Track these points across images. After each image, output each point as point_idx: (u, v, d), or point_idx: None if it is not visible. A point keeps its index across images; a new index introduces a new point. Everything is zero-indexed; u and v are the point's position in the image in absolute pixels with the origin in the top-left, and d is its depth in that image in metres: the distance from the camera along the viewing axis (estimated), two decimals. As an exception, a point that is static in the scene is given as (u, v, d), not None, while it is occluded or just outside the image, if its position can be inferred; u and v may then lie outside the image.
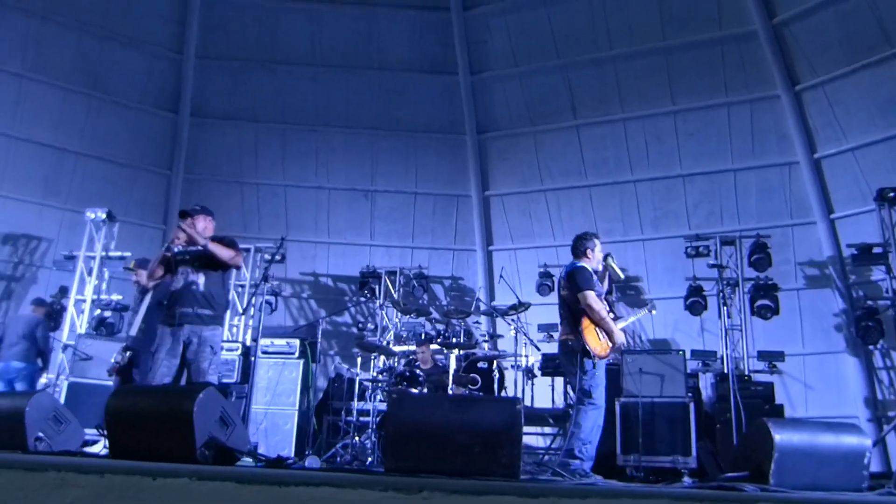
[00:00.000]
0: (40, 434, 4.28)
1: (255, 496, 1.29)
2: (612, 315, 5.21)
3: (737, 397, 6.18)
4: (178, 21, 11.39)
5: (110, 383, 7.95)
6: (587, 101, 11.23)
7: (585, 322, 5.09)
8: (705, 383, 8.45)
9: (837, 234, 9.90)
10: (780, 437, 3.25)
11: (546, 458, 7.41)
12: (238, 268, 5.51)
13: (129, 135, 11.59)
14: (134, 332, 6.11)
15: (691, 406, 6.75)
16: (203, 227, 5.11)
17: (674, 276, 10.52)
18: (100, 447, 4.90)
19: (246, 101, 11.82)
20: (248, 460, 3.62)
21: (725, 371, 8.57)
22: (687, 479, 4.33)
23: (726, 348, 8.14)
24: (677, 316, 10.18)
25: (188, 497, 1.12)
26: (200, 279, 4.99)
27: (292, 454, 7.34)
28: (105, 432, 3.64)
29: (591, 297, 5.07)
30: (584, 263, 5.36)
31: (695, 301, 9.58)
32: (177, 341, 4.84)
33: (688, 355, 8.20)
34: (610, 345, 5.17)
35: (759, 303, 9.24)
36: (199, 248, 4.91)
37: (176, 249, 5.05)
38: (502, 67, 11.52)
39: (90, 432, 5.45)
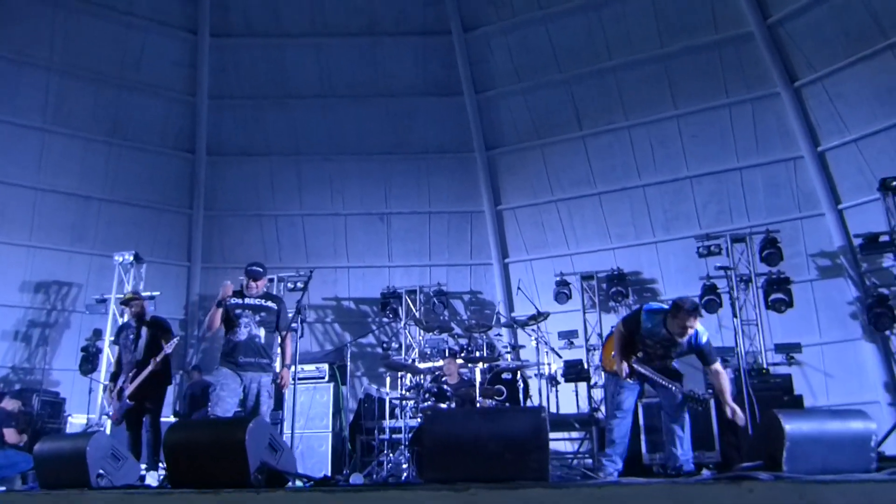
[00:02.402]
0: (101, 471, 4.56)
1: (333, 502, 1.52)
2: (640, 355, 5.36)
3: (749, 391, 6.36)
4: (189, 65, 11.86)
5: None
6: (591, 112, 11.51)
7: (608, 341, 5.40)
8: (726, 380, 8.58)
9: (846, 224, 10.05)
10: (790, 426, 3.46)
11: (575, 462, 7.60)
12: None
13: (150, 177, 12.01)
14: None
15: (712, 403, 6.92)
16: (264, 285, 5.82)
17: (688, 276, 10.68)
18: (152, 480, 5.17)
19: (260, 136, 12.23)
20: (297, 482, 3.88)
21: (744, 366, 8.74)
22: (706, 472, 4.53)
23: (738, 345, 8.28)
24: (695, 315, 10.33)
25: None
26: (261, 332, 5.66)
27: (329, 475, 7.59)
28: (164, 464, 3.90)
29: (617, 329, 5.42)
30: (654, 311, 5.34)
31: (710, 299, 9.74)
32: (239, 384, 5.52)
33: (706, 353, 8.39)
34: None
35: (773, 297, 9.41)
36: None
37: (231, 302, 5.60)
38: (506, 85, 11.85)
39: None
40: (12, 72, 10.77)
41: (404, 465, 6.98)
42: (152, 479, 5.23)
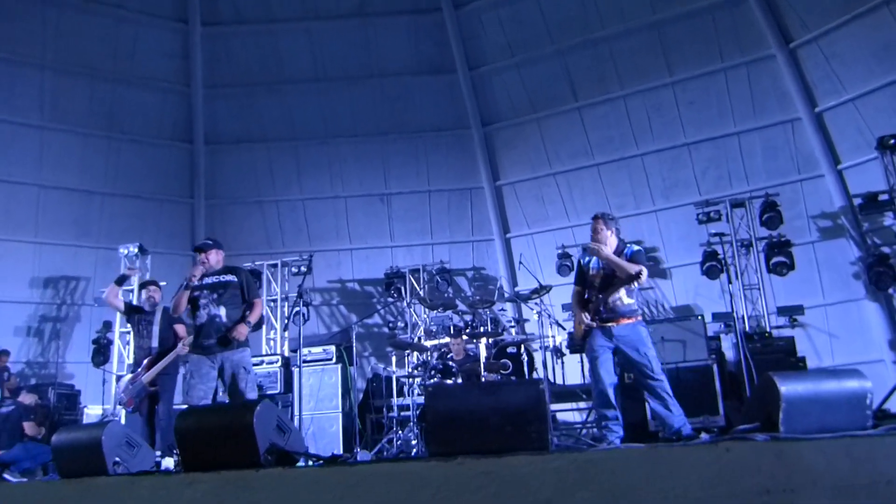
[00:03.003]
0: (117, 459, 4.68)
1: (332, 476, 1.60)
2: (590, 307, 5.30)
3: (747, 355, 6.43)
4: (182, 56, 11.86)
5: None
6: (586, 83, 11.48)
7: None
8: (728, 344, 8.69)
9: (846, 184, 10.05)
10: (785, 388, 3.51)
11: (584, 432, 7.72)
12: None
13: (150, 169, 12.08)
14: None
15: (714, 368, 7.01)
16: (216, 259, 5.40)
17: (689, 243, 10.72)
18: (170, 464, 5.31)
19: (256, 123, 12.25)
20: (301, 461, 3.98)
21: (746, 331, 8.83)
22: (704, 435, 4.61)
23: (740, 309, 8.34)
24: (697, 281, 10.42)
25: (283, 482, 1.43)
26: (222, 311, 5.26)
27: (339, 453, 7.73)
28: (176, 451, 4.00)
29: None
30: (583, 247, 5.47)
31: (711, 265, 9.79)
32: (210, 367, 5.17)
33: (709, 318, 8.48)
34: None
35: (774, 260, 9.45)
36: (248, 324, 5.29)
37: (195, 284, 5.29)
38: (499, 60, 11.82)
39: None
40: (7, 71, 10.83)
41: (413, 441, 7.10)
42: (169, 464, 5.36)
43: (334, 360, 8.99)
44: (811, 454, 2.22)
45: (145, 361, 6.41)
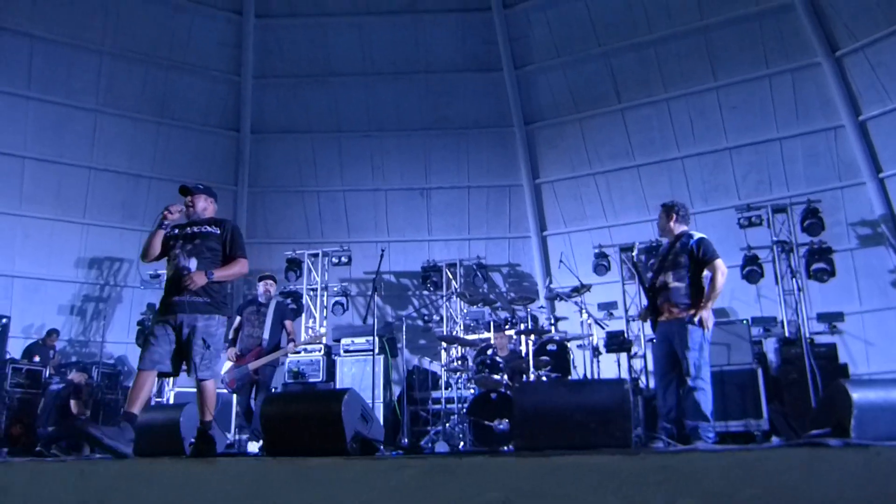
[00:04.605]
0: (192, 440, 4.89)
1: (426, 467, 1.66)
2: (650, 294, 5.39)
3: (812, 362, 6.54)
4: (234, 45, 12.09)
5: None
6: (630, 85, 11.57)
7: None
8: (768, 348, 8.79)
9: (888, 193, 10.10)
10: (857, 395, 3.65)
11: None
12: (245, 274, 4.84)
13: (196, 155, 12.33)
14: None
15: (759, 371, 7.14)
16: (203, 207, 4.66)
17: (727, 247, 10.69)
18: (255, 448, 5.52)
19: (302, 114, 12.46)
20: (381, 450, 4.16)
21: (787, 336, 8.92)
22: (775, 439, 4.72)
23: (780, 314, 8.40)
24: (733, 285, 10.43)
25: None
26: (192, 264, 4.39)
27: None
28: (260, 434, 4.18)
29: None
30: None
31: (751, 270, 9.88)
32: (168, 331, 4.35)
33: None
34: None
35: (815, 266, 9.52)
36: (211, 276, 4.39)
37: (167, 224, 4.51)
38: (545, 59, 11.93)
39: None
40: (67, 55, 11.11)
41: (460, 435, 7.28)
42: (253, 448, 5.58)
43: (377, 350, 9.20)
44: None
45: (256, 348, 6.70)
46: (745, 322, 7.67)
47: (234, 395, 7.08)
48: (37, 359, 9.59)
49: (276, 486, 1.84)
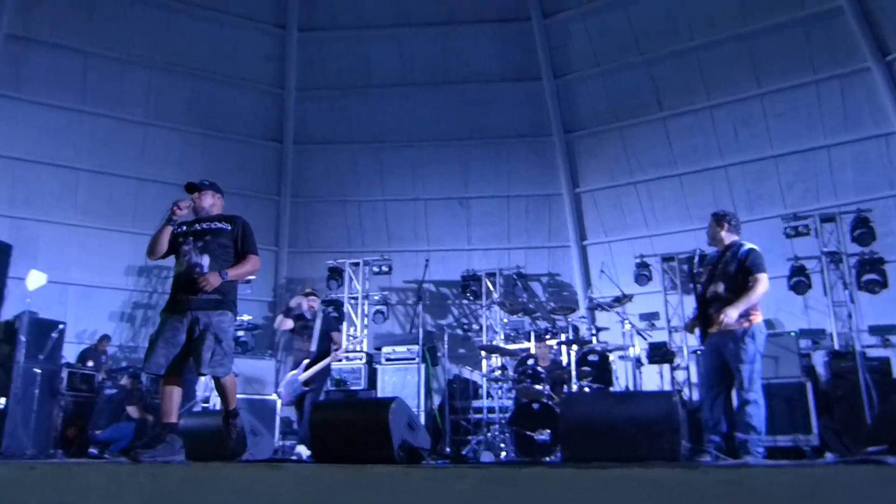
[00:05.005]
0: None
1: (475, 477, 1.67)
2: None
3: (867, 377, 6.38)
4: (278, 59, 12.38)
5: (256, 397, 8.88)
6: (672, 93, 11.46)
7: None
8: (817, 361, 8.59)
9: (943, 201, 9.82)
10: (915, 412, 3.57)
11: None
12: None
13: (240, 166, 12.58)
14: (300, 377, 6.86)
15: (808, 385, 6.99)
16: (210, 203, 4.67)
17: (773, 257, 10.42)
18: (305, 453, 5.62)
19: (343, 125, 12.66)
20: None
21: (836, 348, 8.71)
22: (829, 455, 4.63)
23: (829, 326, 8.20)
24: (779, 296, 10.24)
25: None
26: (205, 261, 4.36)
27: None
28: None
29: None
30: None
31: (799, 280, 9.68)
32: (179, 329, 4.27)
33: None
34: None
35: (865, 277, 9.28)
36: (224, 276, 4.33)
37: (176, 221, 4.49)
38: (585, 68, 11.91)
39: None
40: (118, 71, 11.50)
41: (501, 444, 7.28)
42: (304, 453, 5.69)
43: (418, 359, 9.27)
44: None
45: (305, 362, 6.88)
46: (792, 334, 7.52)
47: (291, 406, 7.23)
48: (90, 363, 9.85)
49: (335, 493, 1.89)
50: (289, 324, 7.24)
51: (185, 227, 4.54)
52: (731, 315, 4.89)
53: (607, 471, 1.66)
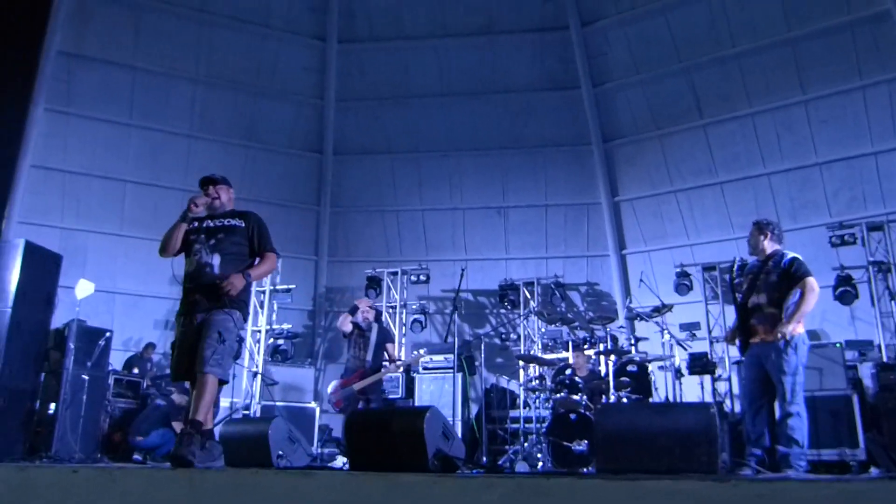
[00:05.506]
0: (280, 452, 5.08)
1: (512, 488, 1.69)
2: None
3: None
4: (318, 70, 12.59)
5: (296, 404, 8.99)
6: (712, 100, 11.32)
7: None
8: (864, 374, 8.36)
9: None
10: (963, 427, 3.46)
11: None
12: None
13: (281, 176, 12.83)
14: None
15: (854, 398, 6.80)
16: (227, 198, 4.50)
17: (818, 266, 10.11)
18: (340, 462, 5.70)
19: (382, 135, 12.81)
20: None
21: (885, 360, 8.46)
22: (874, 470, 4.50)
23: (888, 337, 7.99)
24: (825, 306, 9.99)
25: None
26: (216, 260, 4.24)
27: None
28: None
29: None
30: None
31: (845, 290, 9.44)
32: (192, 332, 4.16)
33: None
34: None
35: (916, 288, 9.02)
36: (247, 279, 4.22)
37: (192, 216, 4.36)
38: (624, 77, 11.85)
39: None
40: (164, 85, 11.84)
41: (538, 455, 7.24)
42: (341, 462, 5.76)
43: (455, 368, 9.27)
44: None
45: (360, 370, 6.99)
46: (838, 345, 7.32)
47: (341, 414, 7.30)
48: (136, 370, 10.10)
49: (367, 501, 1.92)
50: (349, 325, 7.25)
51: (196, 224, 4.38)
52: (790, 331, 4.79)
53: (636, 482, 1.66)
